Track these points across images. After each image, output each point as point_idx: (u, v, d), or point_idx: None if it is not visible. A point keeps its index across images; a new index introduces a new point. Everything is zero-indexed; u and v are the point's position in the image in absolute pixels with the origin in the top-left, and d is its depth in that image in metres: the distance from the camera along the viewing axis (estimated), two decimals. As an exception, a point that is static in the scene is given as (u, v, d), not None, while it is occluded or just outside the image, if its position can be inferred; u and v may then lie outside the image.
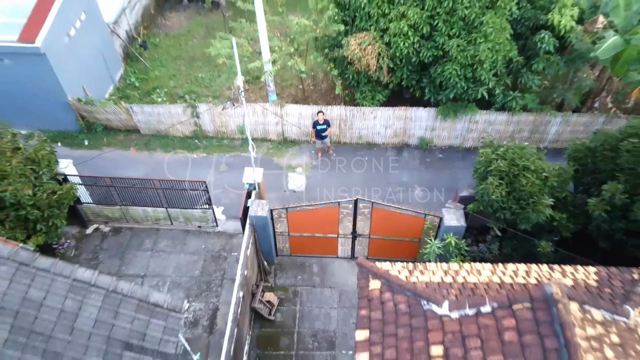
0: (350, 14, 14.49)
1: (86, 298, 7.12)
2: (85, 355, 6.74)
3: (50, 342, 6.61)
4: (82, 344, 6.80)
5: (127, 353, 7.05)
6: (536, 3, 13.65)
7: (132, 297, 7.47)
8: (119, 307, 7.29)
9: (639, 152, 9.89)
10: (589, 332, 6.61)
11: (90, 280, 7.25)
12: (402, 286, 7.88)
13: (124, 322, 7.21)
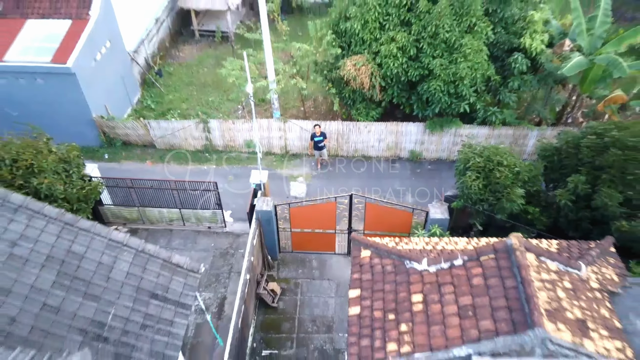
0: (346, 39, 16.23)
1: (119, 255, 8.32)
2: (118, 300, 7.88)
3: (89, 287, 7.77)
4: (116, 290, 7.96)
5: (153, 301, 8.19)
6: (509, 29, 15.41)
7: (158, 257, 8.67)
8: (146, 264, 8.48)
9: (596, 147, 11.28)
10: (544, 277, 7.80)
11: (123, 240, 8.47)
12: (388, 251, 9.11)
13: (150, 276, 8.38)
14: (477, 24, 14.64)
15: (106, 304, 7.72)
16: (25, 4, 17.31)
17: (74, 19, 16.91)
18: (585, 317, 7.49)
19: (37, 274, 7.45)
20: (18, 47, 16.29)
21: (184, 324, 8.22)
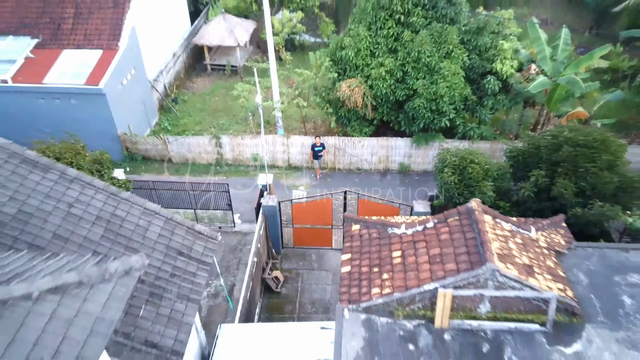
0: (342, 66, 18.46)
1: (153, 220, 10.04)
2: (152, 254, 9.54)
3: (129, 242, 9.44)
4: (150, 246, 9.63)
5: (179, 257, 9.84)
6: (483, 55, 17.63)
7: (183, 225, 10.39)
8: (174, 229, 10.19)
9: (552, 146, 13.15)
10: (498, 232, 9.52)
11: (155, 210, 10.23)
12: (374, 223, 10.89)
13: (177, 239, 10.07)
14: (454, 51, 16.86)
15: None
16: (61, 36, 19.71)
17: (104, 49, 19.24)
18: (532, 264, 9.14)
19: (88, 229, 9.16)
20: (55, 72, 18.53)
21: (204, 276, 9.83)
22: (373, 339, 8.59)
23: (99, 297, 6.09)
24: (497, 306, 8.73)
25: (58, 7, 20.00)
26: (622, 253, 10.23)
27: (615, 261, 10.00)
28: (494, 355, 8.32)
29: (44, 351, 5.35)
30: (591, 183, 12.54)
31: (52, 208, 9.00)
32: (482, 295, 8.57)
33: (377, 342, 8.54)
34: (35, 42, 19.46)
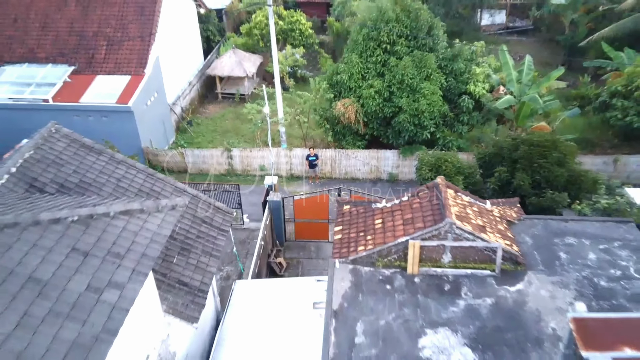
0: (337, 88, 21.14)
1: (181, 196, 12.32)
2: (182, 220, 11.77)
3: (164, 210, 11.66)
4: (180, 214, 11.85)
5: (203, 224, 12.07)
6: (458, 78, 20.31)
7: (206, 201, 12.66)
8: (198, 204, 12.46)
9: (512, 147, 15.54)
10: (458, 202, 11.79)
11: (184, 188, 12.52)
12: (362, 201, 13.17)
13: (201, 211, 12.32)
14: (433, 74, 19.55)
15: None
16: (95, 64, 22.55)
17: (132, 75, 22.02)
18: (485, 225, 11.37)
19: (132, 198, 11.43)
20: (90, 93, 21.22)
21: (223, 239, 12.03)
22: (358, 282, 10.72)
23: (155, 220, 8.34)
24: (456, 257, 10.89)
25: (92, 40, 22.95)
26: (563, 223, 12.46)
27: (556, 228, 12.22)
28: (453, 292, 10.43)
29: (120, 248, 7.56)
30: (544, 176, 14.85)
31: (104, 181, 11.32)
32: (443, 246, 10.75)
33: (361, 284, 10.67)
34: (72, 69, 22.28)
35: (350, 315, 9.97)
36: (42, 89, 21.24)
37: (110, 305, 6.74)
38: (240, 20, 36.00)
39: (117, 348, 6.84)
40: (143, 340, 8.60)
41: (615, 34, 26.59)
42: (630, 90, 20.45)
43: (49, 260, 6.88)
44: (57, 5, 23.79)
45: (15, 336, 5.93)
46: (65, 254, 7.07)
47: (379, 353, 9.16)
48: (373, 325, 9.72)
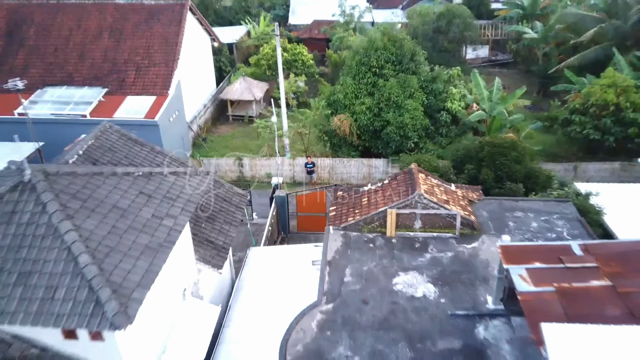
0: (335, 106, 24.24)
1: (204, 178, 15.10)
2: (210, 197, 14.52)
3: (193, 190, 14.46)
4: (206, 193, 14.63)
5: (224, 202, 14.82)
6: (437, 97, 23.42)
7: (225, 185, 15.46)
8: (220, 187, 15.25)
9: (478, 148, 18.41)
10: (427, 182, 14.59)
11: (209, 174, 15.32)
12: (352, 189, 15.96)
13: (222, 192, 15.10)
14: (415, 93, 22.68)
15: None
16: (125, 86, 25.78)
17: (157, 96, 25.21)
18: (449, 200, 14.13)
19: (169, 179, 14.21)
20: (122, 110, 24.34)
21: (240, 213, 14.76)
22: (347, 242, 13.42)
23: (195, 180, 11.17)
24: (425, 223, 13.62)
25: (123, 66, 26.28)
26: (514, 202, 15.23)
27: (508, 206, 14.97)
28: (422, 249, 13.11)
29: (172, 194, 10.35)
30: (505, 172, 17.65)
31: (147, 164, 14.17)
32: (414, 213, 13.50)
33: (349, 243, 13.37)
34: (105, 91, 25.50)
35: (340, 263, 12.65)
36: (80, 107, 24.38)
37: (168, 227, 9.50)
38: (249, 53, 39.65)
39: (167, 273, 9.52)
40: (182, 276, 11.26)
41: (579, 63, 29.95)
42: (586, 108, 23.51)
43: (126, 197, 9.68)
44: (93, 37, 27.27)
45: (108, 238, 8.68)
46: (135, 194, 9.88)
47: (362, 287, 11.79)
48: (358, 270, 12.38)
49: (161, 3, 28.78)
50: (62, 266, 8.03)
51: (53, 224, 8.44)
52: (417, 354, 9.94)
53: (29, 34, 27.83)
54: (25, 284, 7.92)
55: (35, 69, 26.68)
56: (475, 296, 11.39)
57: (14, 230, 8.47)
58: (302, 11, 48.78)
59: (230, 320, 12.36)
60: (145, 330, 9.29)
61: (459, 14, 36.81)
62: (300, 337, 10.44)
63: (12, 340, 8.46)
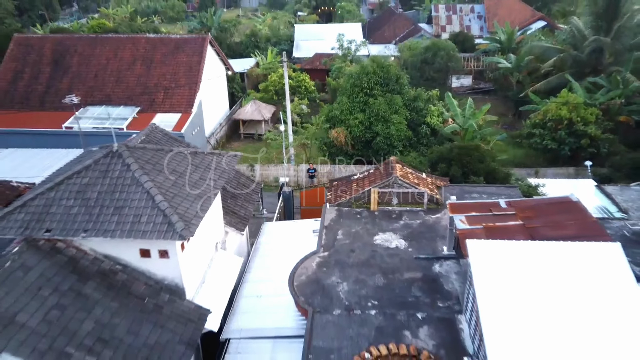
0: (332, 121, 28.18)
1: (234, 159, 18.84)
2: (233, 182, 18.21)
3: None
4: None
5: (244, 187, 18.51)
6: (419, 113, 27.37)
7: (244, 175, 19.18)
8: (240, 176, 18.98)
9: (447, 151, 22.19)
10: (403, 171, 18.30)
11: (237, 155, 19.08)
12: (344, 177, 19.71)
13: (242, 180, 18.81)
14: (399, 109, 26.66)
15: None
16: (155, 106, 29.85)
17: (182, 113, 29.24)
18: (420, 183, 17.84)
19: (201, 167, 17.96)
20: (152, 125, 28.29)
21: (256, 197, 18.43)
22: (340, 214, 17.04)
23: (227, 159, 14.91)
24: (401, 200, 17.27)
25: (153, 89, 30.43)
26: (472, 187, 18.88)
27: (468, 190, 18.61)
28: (397, 218, 16.69)
29: (212, 166, 14.09)
30: (470, 169, 21.36)
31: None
32: (392, 192, 17.17)
33: (342, 215, 16.98)
34: (138, 109, 29.55)
35: (334, 227, 16.24)
36: (117, 122, 28.37)
37: (210, 186, 13.22)
38: (258, 81, 44.01)
39: (207, 223, 13.16)
40: (215, 233, 14.87)
41: (545, 88, 34.07)
42: (545, 123, 27.41)
43: (180, 165, 13.44)
44: (127, 65, 31.56)
45: (172, 189, 12.38)
46: (187, 164, 13.64)
47: (350, 242, 15.36)
48: (347, 231, 15.96)
49: (185, 37, 33.25)
50: (144, 202, 11.71)
51: (135, 177, 12.17)
52: (388, 281, 13.44)
53: (72, 62, 32.15)
54: (120, 214, 11.59)
55: (77, 91, 30.76)
56: (435, 247, 14.94)
57: (108, 181, 12.19)
58: (304, 46, 53.66)
59: (251, 268, 15.89)
60: (194, 259, 12.89)
61: (443, 47, 41.31)
62: (304, 271, 13.96)
63: (103, 258, 12.04)
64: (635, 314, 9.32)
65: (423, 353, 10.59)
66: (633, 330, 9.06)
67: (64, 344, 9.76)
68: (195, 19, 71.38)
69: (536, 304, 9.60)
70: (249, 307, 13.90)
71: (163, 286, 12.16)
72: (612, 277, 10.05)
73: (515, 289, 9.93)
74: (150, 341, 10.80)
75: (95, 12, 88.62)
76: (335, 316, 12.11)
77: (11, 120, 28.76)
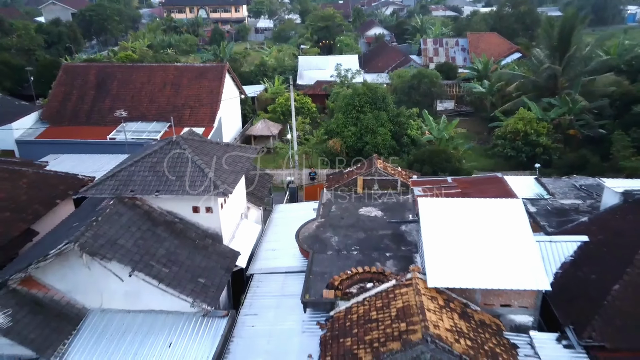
0: (330, 133, 33.30)
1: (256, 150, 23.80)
2: (251, 174, 23.10)
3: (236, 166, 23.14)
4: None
5: (260, 178, 23.41)
6: (401, 126, 32.47)
7: (262, 171, 24.12)
8: (257, 172, 23.92)
9: (421, 154, 27.15)
10: (382, 164, 23.28)
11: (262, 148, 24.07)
12: (338, 173, 24.73)
13: (259, 172, 23.75)
14: (385, 123, 31.78)
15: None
16: (183, 121, 35.04)
17: (205, 127, 34.41)
18: (395, 173, 22.80)
19: (228, 162, 22.94)
20: (181, 137, 33.41)
21: (269, 185, 23.29)
22: (334, 195, 21.93)
23: (249, 151, 19.91)
24: (381, 186, 22.19)
25: (181, 108, 35.71)
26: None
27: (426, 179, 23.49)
28: (377, 198, 21.59)
29: (242, 152, 19.08)
30: (439, 167, 26.30)
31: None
32: (373, 179, 22.09)
33: (335, 196, 21.88)
34: (168, 124, 34.74)
35: (329, 204, 21.08)
36: (152, 134, 33.51)
37: (240, 165, 18.18)
38: (266, 104, 49.41)
39: (235, 195, 18.06)
40: (240, 205, 19.71)
41: (511, 108, 39.26)
42: (505, 135, 32.48)
43: (219, 151, 18.42)
44: (159, 89, 36.96)
45: (214, 165, 17.35)
46: (223, 151, 18.63)
47: (341, 213, 20.18)
48: (340, 206, 20.80)
49: (207, 65, 38.79)
50: (197, 174, 16.63)
51: (189, 157, 17.14)
52: (367, 235, 18.19)
53: (113, 86, 37.58)
54: (180, 180, 16.49)
55: (117, 110, 36.13)
56: (403, 215, 19.73)
57: (170, 160, 17.14)
58: (307, 75, 59.39)
59: (267, 233, 20.67)
60: (228, 217, 17.72)
61: (427, 75, 46.85)
62: (306, 230, 18.73)
63: (167, 213, 16.89)
64: (523, 238, 14.11)
65: (386, 271, 15.30)
66: (519, 248, 13.85)
67: (148, 259, 14.55)
68: (206, 52, 77.65)
69: (459, 233, 14.39)
70: (266, 255, 18.63)
71: (207, 234, 16.95)
72: (513, 218, 14.87)
73: (446, 226, 14.73)
74: (201, 265, 15.55)
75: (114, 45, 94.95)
76: (328, 255, 16.86)
77: (64, 133, 33.99)
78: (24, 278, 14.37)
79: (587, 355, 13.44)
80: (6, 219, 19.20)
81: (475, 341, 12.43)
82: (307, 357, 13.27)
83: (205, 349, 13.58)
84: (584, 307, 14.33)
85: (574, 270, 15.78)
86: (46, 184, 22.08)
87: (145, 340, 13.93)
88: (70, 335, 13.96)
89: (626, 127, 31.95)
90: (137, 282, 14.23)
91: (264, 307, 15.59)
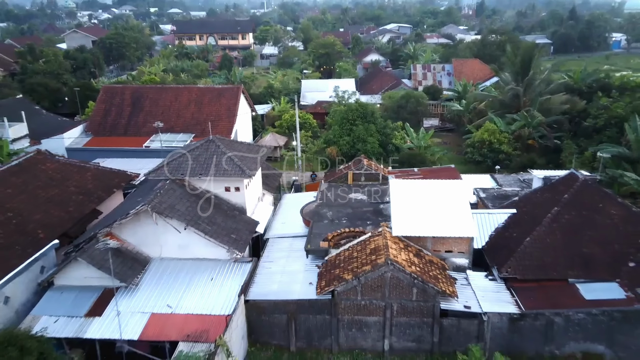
0: (328, 142, 38.94)
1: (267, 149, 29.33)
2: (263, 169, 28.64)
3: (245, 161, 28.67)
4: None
5: (271, 172, 28.95)
6: (387, 136, 38.13)
7: (272, 169, 29.67)
8: (268, 168, 29.46)
9: (403, 156, 32.70)
10: (368, 162, 28.92)
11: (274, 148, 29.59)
12: (336, 171, 30.43)
13: (270, 169, 29.30)
14: (373, 134, 37.46)
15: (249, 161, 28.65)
16: (205, 133, 40.60)
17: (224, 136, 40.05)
18: (378, 169, 28.39)
19: (247, 160, 28.54)
20: (204, 145, 39.14)
21: (279, 180, 28.79)
22: (330, 186, 27.51)
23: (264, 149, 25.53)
24: (367, 178, 27.78)
25: (203, 122, 41.38)
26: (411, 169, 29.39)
27: (408, 175, 29.09)
28: (364, 187, 27.15)
29: (254, 149, 24.69)
30: (416, 166, 31.79)
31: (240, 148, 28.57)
32: (361, 173, 27.69)
33: (331, 187, 27.46)
34: (193, 135, 40.45)
35: (326, 191, 26.61)
36: (180, 143, 39.12)
37: (259, 154, 23.80)
38: (274, 120, 55.29)
39: (255, 181, 23.61)
40: (258, 190, 25.22)
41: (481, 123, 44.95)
42: (473, 143, 38.13)
43: (243, 148, 24.05)
44: (185, 106, 42.79)
45: (240, 157, 22.98)
46: (246, 147, 24.26)
47: (335, 197, 25.73)
48: (334, 192, 26.32)
49: (225, 87, 44.68)
50: (228, 163, 22.21)
51: (223, 151, 22.73)
52: (354, 211, 23.62)
53: (145, 104, 43.44)
54: (217, 168, 22.07)
55: (150, 124, 41.83)
56: (382, 198, 25.21)
57: (208, 153, 22.74)
58: (309, 96, 65.53)
59: (277, 213, 26.13)
60: (250, 195, 23.22)
61: (413, 96, 52.78)
62: (308, 208, 24.18)
63: (206, 192, 22.42)
64: (461, 206, 19.59)
65: (365, 231, 20.72)
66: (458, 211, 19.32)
67: (196, 219, 20.02)
68: (218, 76, 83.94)
69: (417, 201, 19.86)
70: (278, 225, 24.07)
71: (235, 207, 22.40)
72: (456, 193, 20.36)
73: (408, 196, 20.21)
74: (232, 227, 20.98)
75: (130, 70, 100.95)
76: (325, 223, 22.29)
77: (106, 142, 39.70)
78: (107, 233, 19.80)
79: (505, 285, 18.77)
80: (80, 201, 24.68)
81: (424, 270, 17.79)
82: (308, 284, 18.61)
83: (236, 281, 18.91)
84: (505, 254, 19.71)
85: (503, 232, 21.19)
86: (105, 176, 27.68)
87: (194, 276, 19.25)
88: (141, 273, 19.29)
89: (578, 138, 37.57)
90: (188, 236, 19.63)
91: (277, 257, 20.97)
